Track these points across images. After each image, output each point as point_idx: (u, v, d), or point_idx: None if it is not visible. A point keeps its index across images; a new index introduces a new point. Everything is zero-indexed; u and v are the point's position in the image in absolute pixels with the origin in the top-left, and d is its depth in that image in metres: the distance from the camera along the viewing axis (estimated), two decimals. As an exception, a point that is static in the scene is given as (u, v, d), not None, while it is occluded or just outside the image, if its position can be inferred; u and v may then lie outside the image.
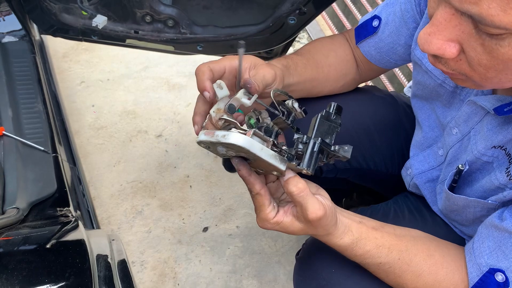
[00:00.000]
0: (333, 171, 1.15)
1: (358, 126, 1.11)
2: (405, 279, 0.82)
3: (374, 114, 1.13)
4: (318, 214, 0.72)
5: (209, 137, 0.67)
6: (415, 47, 0.95)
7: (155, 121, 1.96)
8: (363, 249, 0.80)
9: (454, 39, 0.59)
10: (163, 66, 2.17)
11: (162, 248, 1.59)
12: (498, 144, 0.77)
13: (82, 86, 2.07)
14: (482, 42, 0.57)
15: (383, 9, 1.01)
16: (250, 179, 0.74)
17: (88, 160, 1.80)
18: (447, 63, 0.63)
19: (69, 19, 1.27)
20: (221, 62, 0.81)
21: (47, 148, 1.08)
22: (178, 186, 1.76)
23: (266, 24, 1.22)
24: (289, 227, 0.77)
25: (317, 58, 1.03)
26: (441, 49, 0.60)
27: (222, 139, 0.65)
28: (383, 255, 0.81)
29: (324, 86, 1.06)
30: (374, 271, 0.84)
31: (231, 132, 0.66)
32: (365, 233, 0.81)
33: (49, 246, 0.70)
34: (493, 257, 0.76)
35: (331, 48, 1.06)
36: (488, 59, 0.58)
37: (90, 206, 1.20)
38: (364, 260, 0.81)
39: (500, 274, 0.74)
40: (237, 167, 0.74)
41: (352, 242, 0.79)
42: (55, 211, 0.91)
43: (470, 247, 0.81)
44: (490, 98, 0.78)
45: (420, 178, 1.02)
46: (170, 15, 1.23)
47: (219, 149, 0.69)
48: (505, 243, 0.74)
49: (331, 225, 0.76)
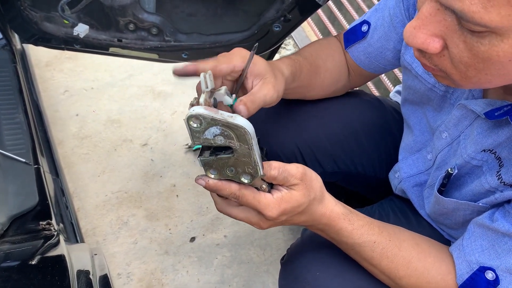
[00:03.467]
0: (320, 175, 1.14)
1: (346, 130, 1.11)
2: (397, 263, 0.81)
3: (362, 117, 1.13)
4: (299, 169, 0.73)
5: (212, 113, 0.64)
6: (405, 52, 0.95)
7: (140, 129, 1.94)
8: (357, 222, 0.80)
9: (438, 34, 0.60)
10: (148, 74, 2.15)
11: (149, 259, 1.56)
12: (488, 148, 0.78)
13: (66, 95, 2.04)
14: (464, 39, 0.58)
15: (372, 14, 1.02)
16: (223, 181, 0.72)
17: (72, 171, 1.77)
18: (430, 58, 0.64)
19: (51, 28, 1.25)
20: (231, 62, 0.79)
21: (29, 160, 1.05)
22: (164, 195, 1.73)
23: (251, 31, 1.22)
24: (291, 201, 0.74)
25: (318, 63, 1.02)
26: (425, 43, 0.61)
27: (229, 119, 0.64)
28: (376, 232, 0.81)
29: (318, 91, 1.06)
30: (369, 257, 0.82)
31: (238, 115, 0.65)
32: (353, 210, 0.82)
33: (28, 262, 0.67)
34: (484, 256, 0.77)
35: (329, 53, 1.06)
36: (469, 57, 0.59)
37: (74, 218, 1.17)
38: (360, 237, 0.80)
39: (490, 272, 0.75)
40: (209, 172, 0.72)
41: (345, 211, 0.79)
42: (37, 225, 0.89)
43: (460, 244, 0.82)
44: (480, 102, 0.78)
45: (408, 182, 1.02)
46: (154, 23, 1.22)
47: (210, 131, 0.66)
48: (498, 243, 0.75)
49: (323, 188, 0.78)
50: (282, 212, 0.73)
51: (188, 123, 0.65)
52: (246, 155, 0.67)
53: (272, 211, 0.72)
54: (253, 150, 0.67)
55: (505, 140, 0.74)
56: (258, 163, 0.68)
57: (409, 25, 0.61)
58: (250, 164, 0.68)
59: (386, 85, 2.10)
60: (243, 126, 0.64)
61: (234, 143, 0.66)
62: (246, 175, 0.70)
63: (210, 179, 0.72)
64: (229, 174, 0.71)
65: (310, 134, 1.09)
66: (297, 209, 0.75)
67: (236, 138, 0.66)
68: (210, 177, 0.72)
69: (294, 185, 0.73)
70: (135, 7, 1.19)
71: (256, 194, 0.72)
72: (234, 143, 0.66)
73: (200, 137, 0.67)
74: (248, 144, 0.66)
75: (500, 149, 0.76)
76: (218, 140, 0.67)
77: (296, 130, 1.09)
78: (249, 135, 0.65)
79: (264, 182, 0.72)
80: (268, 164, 0.71)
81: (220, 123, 0.64)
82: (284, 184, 0.73)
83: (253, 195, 0.72)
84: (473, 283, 0.77)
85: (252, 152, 0.67)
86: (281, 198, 0.73)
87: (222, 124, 0.64)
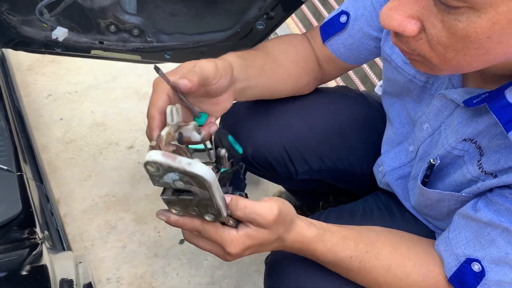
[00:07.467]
0: (307, 173, 1.13)
1: (331, 127, 1.10)
2: (376, 273, 0.81)
3: (347, 113, 1.12)
4: (273, 211, 0.69)
5: (169, 161, 0.59)
6: (384, 44, 0.94)
7: (125, 132, 1.92)
8: (331, 241, 0.78)
9: (415, 16, 0.59)
10: (132, 75, 2.13)
11: (138, 263, 1.55)
12: (468, 137, 0.78)
13: (49, 99, 2.02)
14: (442, 18, 0.57)
15: (350, 4, 1.00)
16: (186, 217, 0.70)
17: (57, 176, 1.75)
18: (408, 42, 0.63)
19: (30, 31, 1.22)
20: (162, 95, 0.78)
21: (11, 167, 1.03)
22: (152, 198, 1.71)
23: (234, 30, 1.20)
24: (258, 239, 0.72)
25: (275, 53, 1.00)
26: (402, 25, 0.60)
27: (187, 167, 0.59)
28: (351, 247, 0.79)
29: (286, 83, 1.03)
30: (347, 270, 0.82)
31: (197, 161, 0.61)
32: (327, 226, 0.80)
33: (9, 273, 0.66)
34: (469, 247, 0.77)
35: (291, 44, 1.04)
36: (447, 36, 0.58)
37: (60, 224, 1.15)
38: (335, 256, 0.79)
39: (476, 264, 0.75)
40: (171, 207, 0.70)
41: (318, 233, 0.77)
42: (20, 233, 0.86)
43: (446, 236, 0.82)
44: (459, 91, 0.78)
45: (391, 175, 1.02)
46: (135, 24, 1.20)
47: (168, 177, 0.62)
48: (481, 233, 0.75)
49: (293, 214, 0.75)
50: (246, 248, 0.72)
51: (145, 167, 0.62)
52: (208, 199, 0.64)
53: (235, 248, 0.70)
54: (214, 196, 0.63)
55: (484, 129, 0.74)
56: (220, 206, 0.65)
57: (385, 7, 0.61)
58: (213, 207, 0.66)
59: (373, 80, 2.09)
60: (201, 175, 0.60)
61: (194, 188, 0.63)
62: (210, 214, 0.68)
63: (171, 215, 0.70)
64: (193, 213, 0.69)
65: (295, 132, 1.08)
66: (263, 244, 0.73)
67: (196, 184, 0.62)
68: (174, 213, 0.70)
69: (263, 225, 0.71)
70: (115, 9, 1.17)
71: (219, 229, 0.70)
72: (194, 188, 0.63)
73: (159, 180, 0.63)
74: (208, 191, 0.62)
75: (480, 138, 0.76)
76: (178, 184, 0.63)
77: (281, 129, 1.08)
78: (208, 183, 0.61)
79: (231, 218, 0.70)
80: (235, 203, 0.68)
81: (178, 171, 0.60)
82: (252, 224, 0.71)
83: (215, 230, 0.70)
84: (461, 275, 0.77)
85: (213, 197, 0.64)
86: (246, 235, 0.71)
87: (180, 172, 0.61)
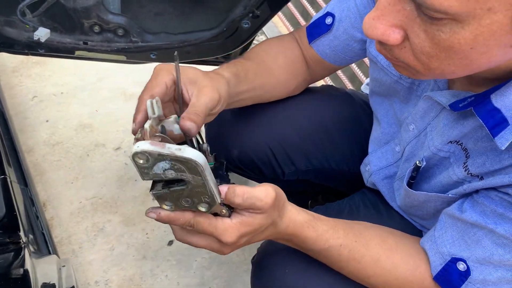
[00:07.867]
0: (294, 173, 1.13)
1: (317, 126, 1.10)
2: (364, 264, 0.81)
3: (332, 113, 1.12)
4: (270, 193, 0.68)
5: (158, 148, 0.59)
6: (370, 45, 0.94)
7: (112, 133, 1.90)
8: (321, 228, 0.78)
9: (398, 25, 0.58)
10: (119, 76, 2.11)
11: (127, 265, 1.53)
12: (454, 139, 0.77)
13: (35, 101, 1.99)
14: (425, 28, 0.56)
15: (335, 5, 0.99)
16: (177, 211, 0.69)
17: (44, 178, 1.73)
18: (391, 50, 0.62)
19: (12, 32, 1.20)
20: (160, 83, 0.76)
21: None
22: (140, 199, 1.70)
23: (220, 29, 1.19)
24: (253, 224, 0.70)
25: (267, 61, 1.00)
26: (385, 34, 0.59)
27: (178, 152, 0.59)
28: (341, 235, 0.79)
29: (275, 90, 1.04)
30: (337, 259, 0.81)
31: (186, 147, 0.60)
32: (317, 215, 0.80)
33: (-11, 280, 0.64)
34: (455, 247, 0.77)
35: (280, 50, 1.04)
36: (431, 46, 0.57)
37: (45, 228, 1.14)
38: (325, 243, 0.78)
39: (461, 263, 0.75)
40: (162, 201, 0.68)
41: (309, 219, 0.77)
42: (3, 237, 0.85)
43: (432, 234, 0.82)
44: (446, 94, 0.78)
45: (378, 175, 1.02)
46: (119, 23, 1.18)
47: (159, 167, 0.61)
48: (467, 233, 0.75)
49: (285, 199, 0.75)
50: (242, 235, 0.70)
51: (134, 160, 0.60)
52: (201, 185, 0.63)
53: (230, 236, 0.69)
54: (207, 180, 0.62)
55: (470, 131, 0.74)
56: (214, 192, 0.64)
57: (367, 16, 0.59)
58: (206, 194, 0.64)
59: (361, 78, 2.10)
60: (193, 158, 0.59)
61: (186, 175, 0.62)
62: (203, 204, 0.67)
63: (161, 211, 0.68)
64: (186, 205, 0.67)
65: (281, 132, 1.08)
66: (258, 230, 0.72)
67: (188, 171, 0.61)
68: (165, 209, 0.68)
69: (261, 209, 0.69)
70: (99, 8, 1.15)
71: (212, 220, 0.69)
72: (186, 175, 0.62)
73: (149, 172, 0.62)
74: (201, 175, 0.61)
75: (466, 140, 0.75)
76: (168, 174, 0.62)
77: (267, 129, 1.08)
78: (200, 166, 0.60)
79: (224, 207, 0.69)
80: (232, 190, 0.67)
81: (168, 158, 0.60)
82: (251, 210, 0.69)
83: (208, 221, 0.69)
84: (446, 274, 0.77)
85: (206, 182, 0.63)
86: (241, 222, 0.69)
87: (171, 159, 0.60)
